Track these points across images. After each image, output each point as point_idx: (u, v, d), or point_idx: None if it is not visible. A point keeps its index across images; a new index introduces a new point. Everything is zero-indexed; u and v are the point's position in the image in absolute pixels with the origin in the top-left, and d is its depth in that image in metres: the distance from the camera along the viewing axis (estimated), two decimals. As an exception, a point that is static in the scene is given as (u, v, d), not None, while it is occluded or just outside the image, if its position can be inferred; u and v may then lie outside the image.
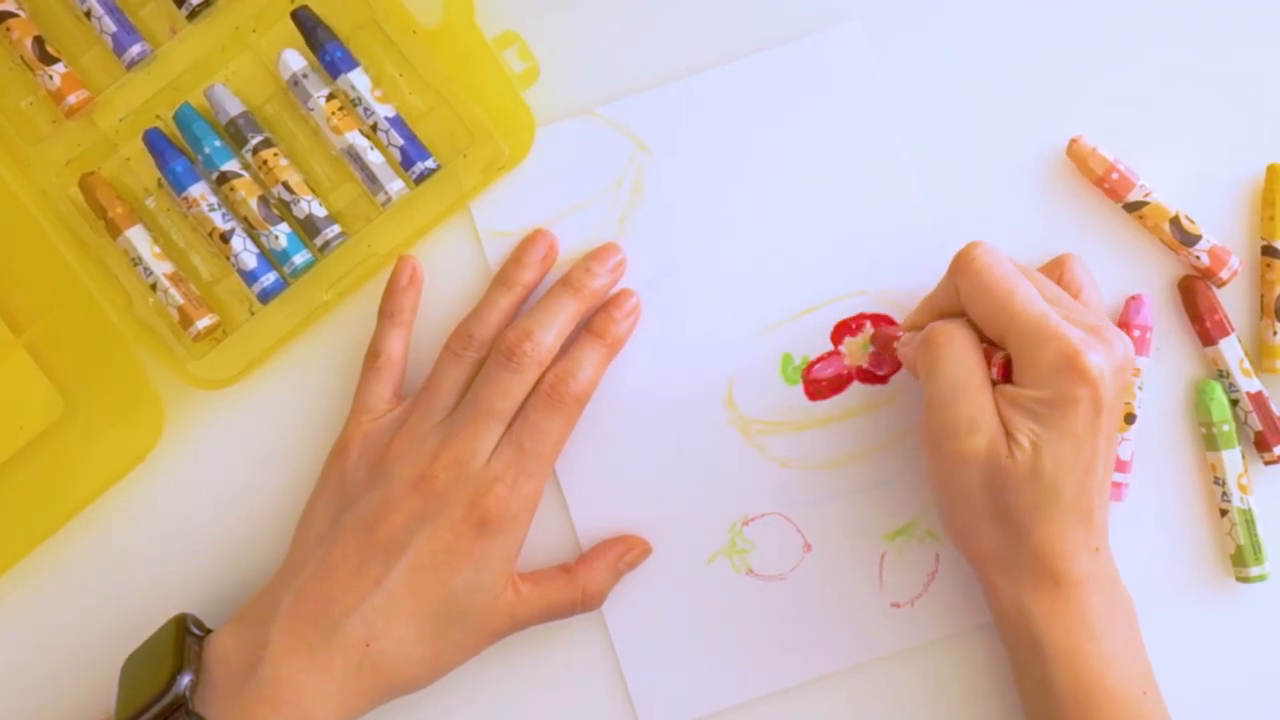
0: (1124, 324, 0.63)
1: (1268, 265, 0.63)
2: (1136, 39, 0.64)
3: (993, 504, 0.56)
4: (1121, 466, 0.63)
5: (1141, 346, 0.62)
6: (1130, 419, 0.63)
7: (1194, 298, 0.63)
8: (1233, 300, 0.64)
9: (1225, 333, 0.62)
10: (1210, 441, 0.63)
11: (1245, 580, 0.63)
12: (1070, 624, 0.56)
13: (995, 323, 0.56)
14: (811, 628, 0.63)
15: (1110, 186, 0.63)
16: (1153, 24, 0.64)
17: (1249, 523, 0.63)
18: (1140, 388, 0.63)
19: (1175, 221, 0.63)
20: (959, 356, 0.57)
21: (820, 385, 0.64)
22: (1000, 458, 0.55)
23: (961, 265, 0.57)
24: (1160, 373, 0.64)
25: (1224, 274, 0.63)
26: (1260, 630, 0.64)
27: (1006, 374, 0.56)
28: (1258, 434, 0.63)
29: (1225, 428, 0.62)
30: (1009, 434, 0.56)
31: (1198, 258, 0.63)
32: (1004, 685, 0.63)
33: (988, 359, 0.57)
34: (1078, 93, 0.64)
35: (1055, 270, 0.61)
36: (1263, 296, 0.63)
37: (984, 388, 0.56)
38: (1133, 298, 0.63)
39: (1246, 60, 0.64)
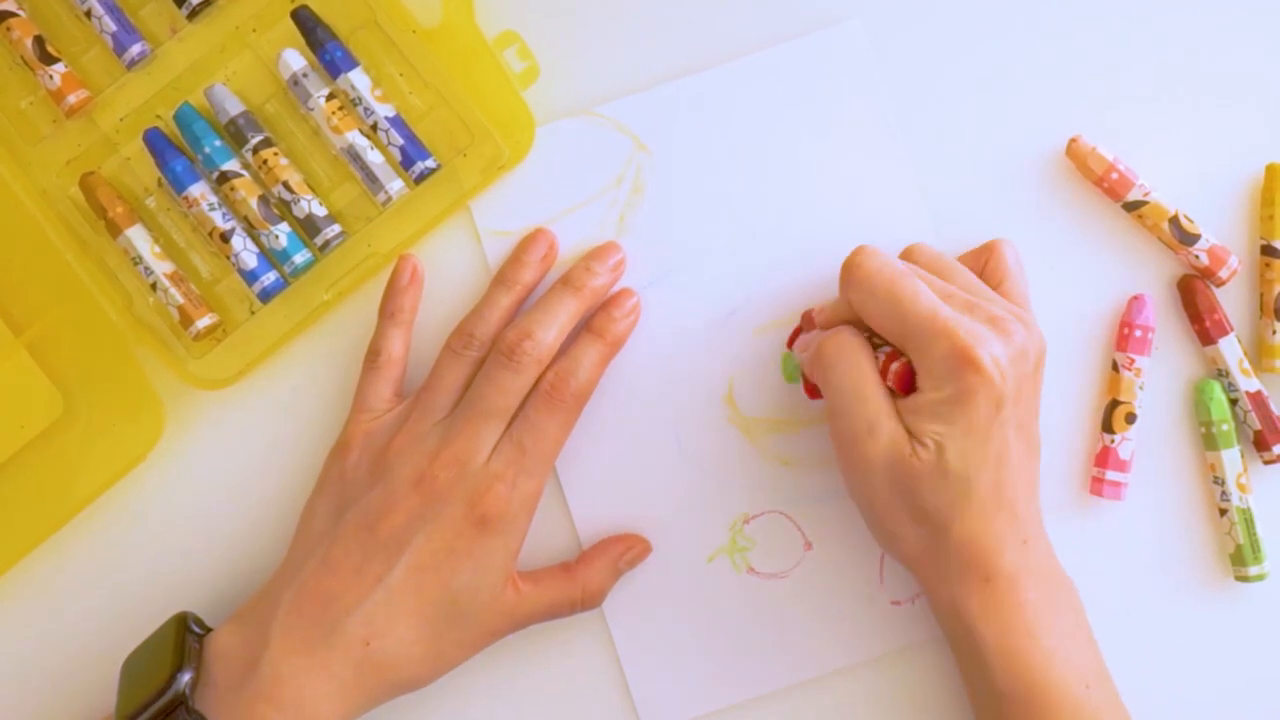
0: (1126, 323, 0.63)
1: (1267, 265, 0.63)
2: (1136, 39, 0.64)
3: (907, 505, 0.56)
4: (1121, 466, 0.63)
5: (1143, 346, 0.62)
6: (1131, 419, 0.63)
7: (1193, 297, 0.63)
8: (1232, 300, 0.64)
9: (1224, 332, 0.62)
10: (1209, 441, 0.63)
11: (1244, 579, 0.63)
12: (1005, 621, 0.56)
13: (888, 326, 0.56)
14: (812, 626, 0.63)
15: (1110, 186, 0.63)
16: (1152, 24, 0.64)
17: (1248, 522, 0.63)
18: (1141, 387, 0.63)
19: (1174, 221, 0.63)
20: (848, 365, 0.57)
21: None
22: (905, 458, 0.55)
23: (847, 274, 0.57)
24: (1160, 372, 0.64)
25: (1223, 273, 0.63)
26: (1259, 629, 0.64)
27: (907, 382, 0.56)
28: (1257, 433, 0.63)
29: (1224, 427, 0.62)
30: (914, 436, 0.55)
31: (1197, 257, 0.63)
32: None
33: (885, 367, 0.57)
34: (1078, 92, 0.64)
35: (983, 255, 0.61)
36: (1262, 296, 0.63)
37: (877, 391, 0.56)
38: (1135, 298, 0.63)
39: (1246, 60, 0.64)
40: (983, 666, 0.56)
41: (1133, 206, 0.63)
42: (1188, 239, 0.63)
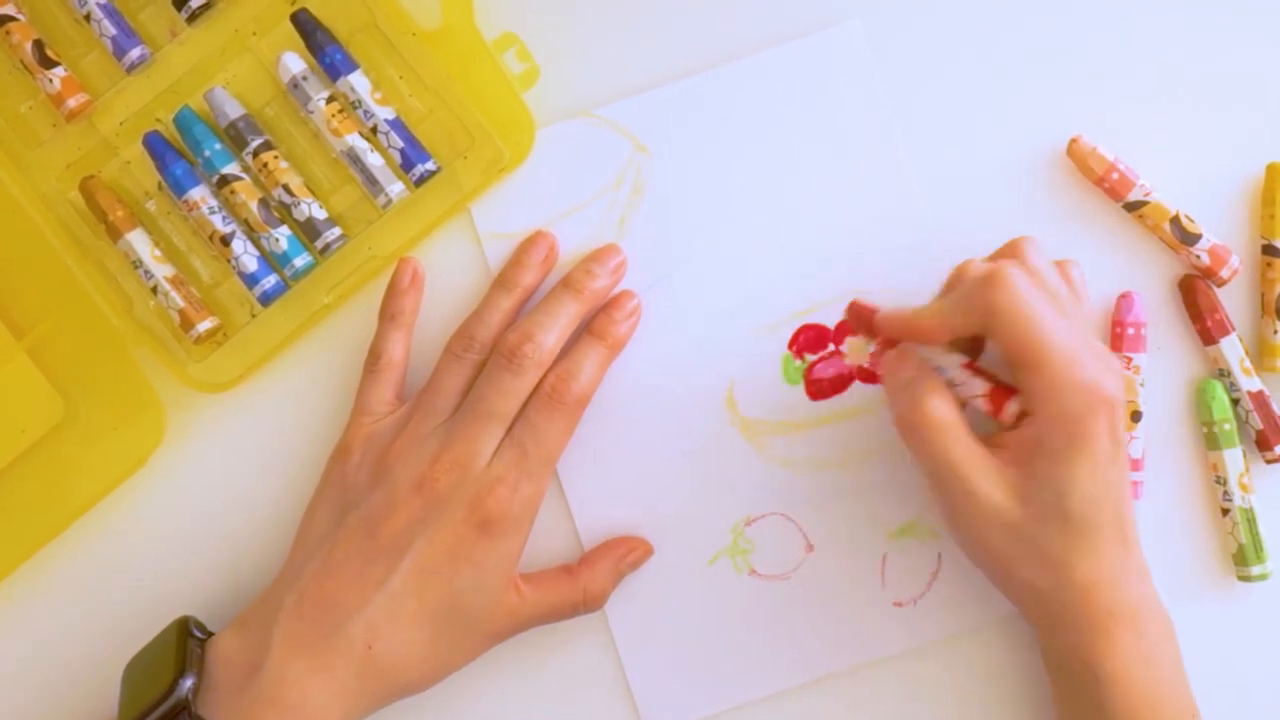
0: (1118, 322, 0.63)
1: (1268, 264, 0.63)
2: (1136, 38, 0.64)
3: (1029, 552, 0.55)
4: (1134, 465, 0.63)
5: (1136, 343, 0.62)
6: (1136, 416, 0.63)
7: (1194, 297, 0.63)
8: (1233, 299, 0.64)
9: (1226, 332, 0.62)
10: (1211, 440, 0.63)
11: (1247, 579, 0.63)
12: (1126, 652, 0.55)
13: (1020, 353, 0.54)
14: (814, 628, 0.63)
15: (1110, 186, 0.63)
16: (1153, 23, 0.64)
17: (1250, 521, 0.63)
18: (1142, 384, 0.63)
19: (1175, 221, 0.63)
20: (950, 436, 0.55)
21: (821, 385, 0.64)
22: (1015, 518, 0.55)
23: (992, 289, 0.55)
24: (1161, 372, 0.64)
25: (1224, 273, 0.63)
26: (1262, 629, 0.64)
27: (998, 408, 0.56)
28: (1259, 433, 0.63)
29: (1226, 426, 0.62)
30: (1028, 480, 0.55)
31: (1198, 257, 0.63)
32: (1007, 684, 0.63)
33: (994, 402, 0.56)
34: (1078, 92, 0.64)
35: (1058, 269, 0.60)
36: (1263, 295, 0.63)
37: (976, 458, 0.55)
38: (1122, 296, 0.63)
39: (1246, 59, 0.64)
40: (1099, 697, 0.55)
41: (1133, 207, 0.63)
42: (1189, 239, 0.62)
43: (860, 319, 0.60)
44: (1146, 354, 0.63)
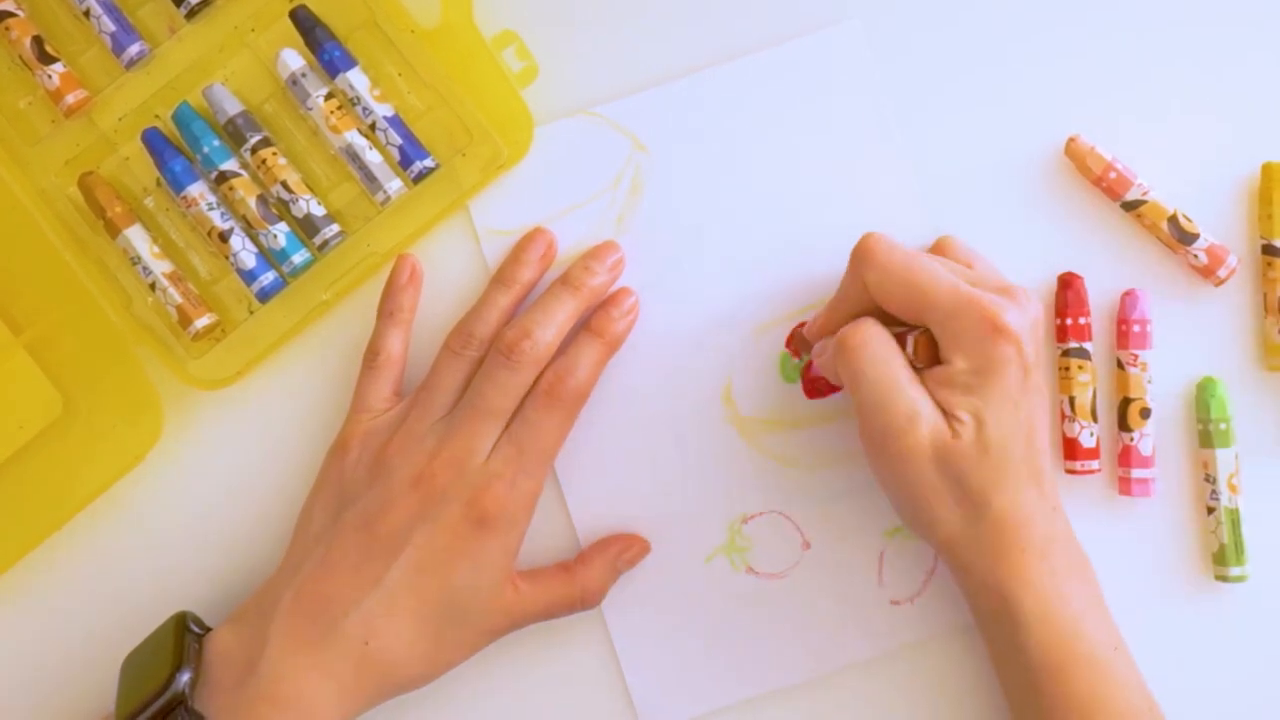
0: (1123, 320, 0.63)
1: (1269, 264, 0.63)
2: (1134, 38, 0.64)
3: (950, 487, 0.56)
4: (1145, 462, 0.62)
5: (1142, 340, 0.62)
6: (1145, 414, 0.62)
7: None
8: (1231, 298, 0.64)
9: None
10: (1205, 438, 0.63)
11: (1224, 579, 0.63)
12: (1040, 588, 0.56)
13: (910, 305, 0.56)
14: (811, 625, 0.63)
15: (1108, 185, 0.63)
16: (1151, 23, 0.64)
17: (1234, 522, 0.62)
18: (1149, 381, 0.63)
19: (1173, 220, 0.63)
20: (877, 356, 0.56)
21: (819, 383, 0.64)
22: (946, 440, 0.56)
23: (863, 257, 0.57)
24: (1163, 368, 0.64)
25: (1222, 272, 0.63)
26: (1234, 631, 0.63)
27: (931, 355, 0.56)
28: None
29: (1222, 426, 0.62)
30: (948, 414, 0.56)
31: (1196, 256, 0.63)
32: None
33: (901, 340, 0.57)
34: (1076, 91, 0.64)
35: (938, 252, 0.61)
36: (1265, 295, 0.63)
37: (911, 379, 0.56)
38: (1127, 293, 0.63)
39: (1244, 59, 0.64)
40: (1018, 637, 0.56)
41: (1131, 206, 0.63)
42: (1186, 238, 0.63)
43: (799, 342, 0.63)
44: (1152, 350, 0.63)
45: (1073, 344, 0.63)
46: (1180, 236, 0.63)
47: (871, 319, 0.58)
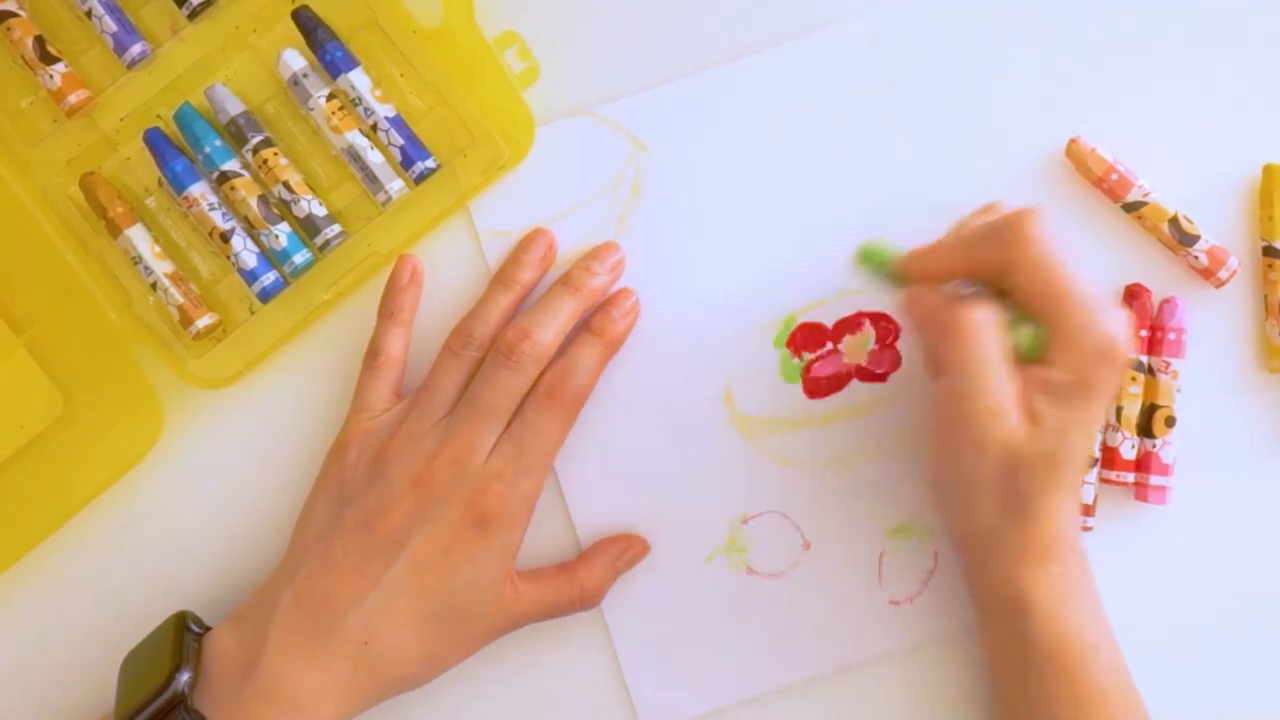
0: (1158, 327, 0.62)
1: (1269, 265, 0.63)
2: (1135, 39, 0.64)
3: (1001, 486, 0.56)
4: (1164, 470, 0.63)
5: (1177, 349, 0.62)
6: (1170, 422, 0.62)
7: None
8: (1232, 300, 0.64)
9: None
10: None
11: None
12: (1053, 587, 0.56)
13: (1044, 300, 0.55)
14: (810, 626, 0.63)
15: (1109, 187, 0.63)
16: (1152, 24, 0.64)
17: None
18: (1179, 390, 0.62)
19: (1174, 222, 0.63)
20: (986, 349, 0.55)
21: (819, 383, 0.64)
22: (1019, 444, 0.55)
23: (1019, 231, 0.55)
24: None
25: (1223, 274, 0.63)
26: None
27: (1032, 358, 0.56)
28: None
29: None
30: (1033, 417, 0.55)
31: (1196, 258, 0.63)
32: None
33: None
34: (1077, 93, 0.64)
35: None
36: (1266, 297, 0.63)
37: (1007, 375, 0.55)
38: (1166, 301, 0.63)
39: (1245, 60, 0.64)
40: (1027, 627, 0.56)
41: (1132, 207, 0.63)
42: (1187, 240, 0.63)
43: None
44: (1184, 359, 0.63)
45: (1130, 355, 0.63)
46: (1181, 238, 0.63)
47: (987, 306, 0.56)
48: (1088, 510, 0.63)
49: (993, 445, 0.55)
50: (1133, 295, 0.63)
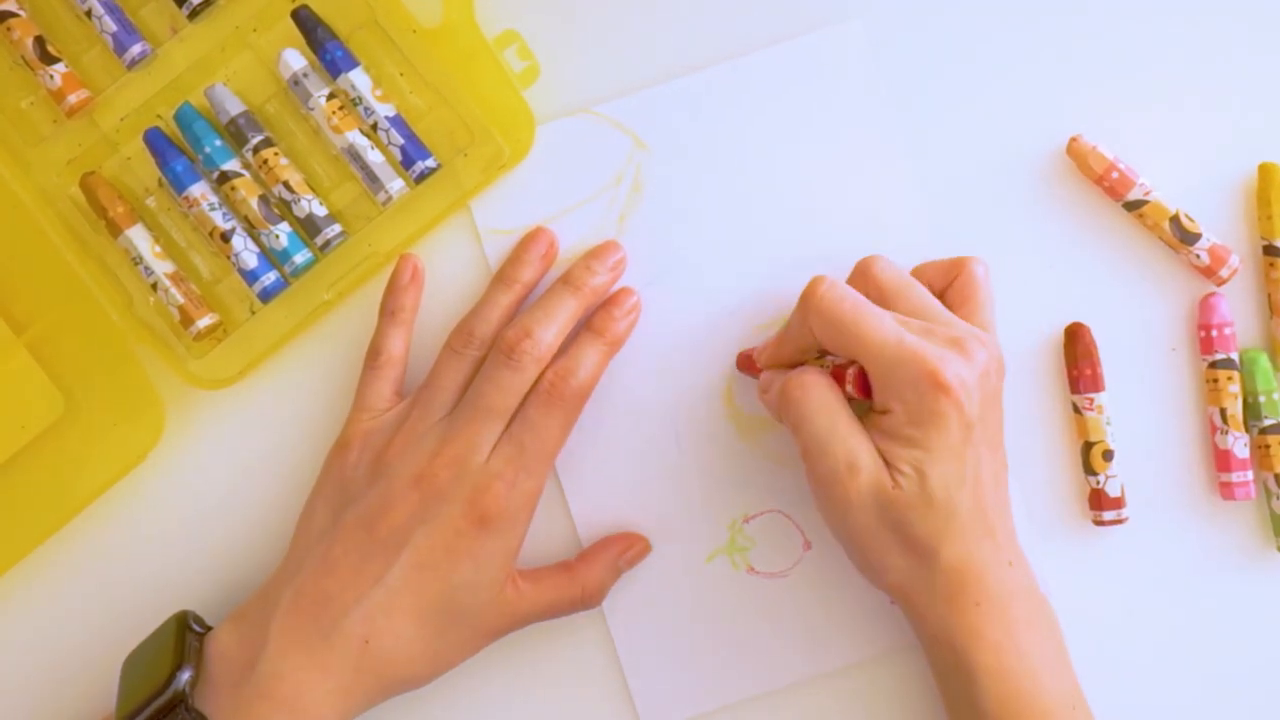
0: (1204, 326, 0.62)
1: (1271, 264, 0.63)
2: (1136, 38, 0.64)
3: (894, 536, 0.56)
4: (1242, 465, 0.62)
5: (1228, 343, 0.62)
6: (1258, 408, 0.62)
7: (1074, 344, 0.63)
8: (1233, 299, 0.63)
9: (1098, 388, 0.63)
10: (1254, 410, 0.62)
11: None
12: (996, 642, 0.55)
13: (851, 353, 0.56)
14: (811, 625, 0.63)
15: (1110, 185, 0.63)
16: (1153, 23, 0.64)
17: None
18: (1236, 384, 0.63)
19: (1175, 220, 0.63)
20: (819, 404, 0.57)
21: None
22: (887, 490, 0.55)
23: (806, 303, 0.57)
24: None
25: (1224, 272, 0.63)
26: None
27: (864, 388, 0.56)
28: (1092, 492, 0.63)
29: (1276, 396, 0.62)
30: (890, 465, 0.56)
31: (1197, 256, 0.63)
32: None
33: (840, 379, 0.57)
34: (1077, 91, 0.64)
35: (952, 271, 0.60)
36: (1270, 296, 0.63)
37: (852, 427, 0.56)
38: (1207, 296, 0.63)
39: (1246, 59, 0.64)
40: (972, 690, 0.55)
41: (1133, 206, 0.63)
42: (1188, 238, 0.62)
43: (747, 364, 0.63)
44: (1236, 353, 0.63)
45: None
46: (1182, 236, 0.62)
47: (814, 369, 0.58)
48: (1117, 503, 0.63)
49: (861, 497, 0.56)
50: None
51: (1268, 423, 0.62)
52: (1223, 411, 0.62)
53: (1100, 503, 0.63)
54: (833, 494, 0.56)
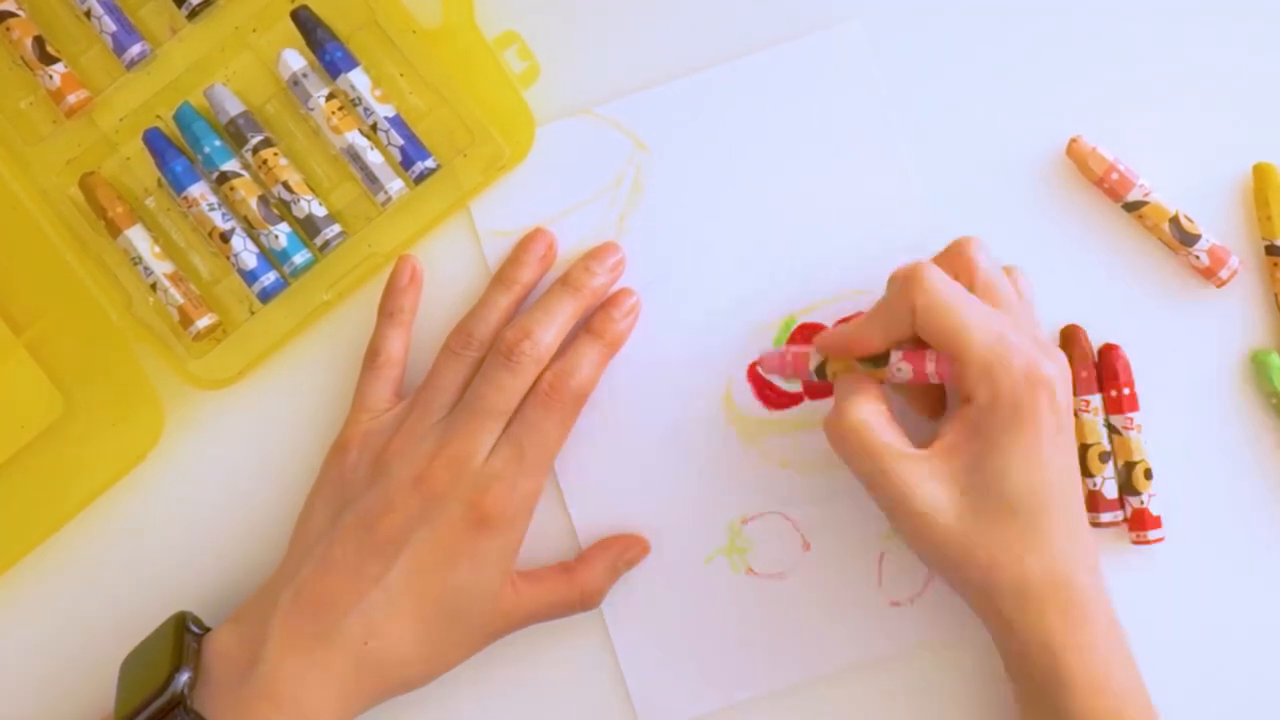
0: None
1: (1275, 265, 0.63)
2: (1136, 38, 0.64)
3: (973, 549, 0.55)
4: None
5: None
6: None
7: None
8: (1233, 299, 0.63)
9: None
10: (1278, 412, 0.63)
11: None
12: (1089, 654, 0.55)
13: (949, 342, 0.56)
14: (810, 626, 0.63)
15: (1110, 186, 0.63)
16: (1153, 24, 0.64)
17: None
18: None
19: (1175, 221, 0.63)
20: (870, 441, 0.56)
21: (820, 384, 0.64)
22: (958, 503, 0.55)
23: (911, 287, 0.56)
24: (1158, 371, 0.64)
25: (1223, 273, 0.62)
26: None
27: (945, 370, 0.56)
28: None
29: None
30: (963, 472, 0.55)
31: (1197, 257, 0.63)
32: (1002, 684, 0.63)
33: (918, 364, 0.57)
34: (1077, 92, 0.64)
35: (952, 253, 0.60)
36: (1277, 296, 0.63)
37: (902, 450, 0.56)
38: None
39: (1246, 59, 0.64)
40: (1064, 703, 0.55)
41: (1133, 207, 0.63)
42: (1188, 239, 0.62)
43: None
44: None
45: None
46: (1182, 238, 0.62)
47: (864, 390, 0.57)
48: (1156, 522, 0.63)
49: (927, 521, 0.55)
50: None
51: None
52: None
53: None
54: (902, 518, 0.56)
